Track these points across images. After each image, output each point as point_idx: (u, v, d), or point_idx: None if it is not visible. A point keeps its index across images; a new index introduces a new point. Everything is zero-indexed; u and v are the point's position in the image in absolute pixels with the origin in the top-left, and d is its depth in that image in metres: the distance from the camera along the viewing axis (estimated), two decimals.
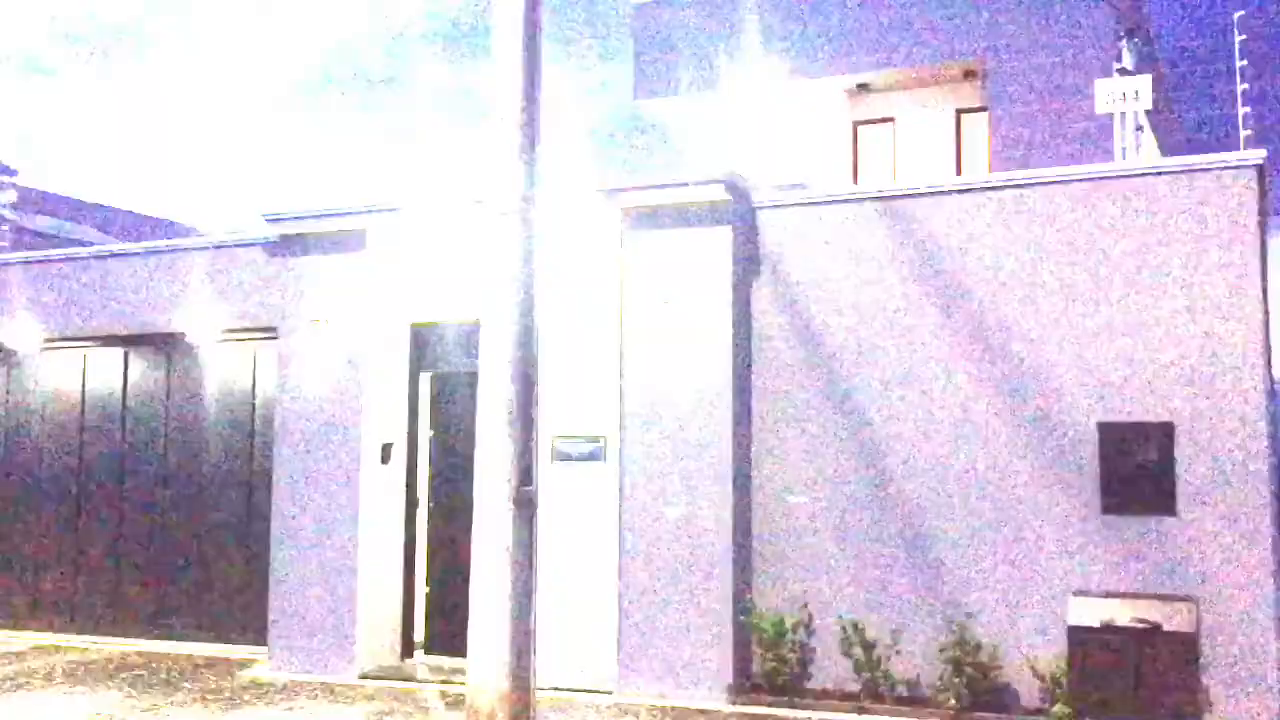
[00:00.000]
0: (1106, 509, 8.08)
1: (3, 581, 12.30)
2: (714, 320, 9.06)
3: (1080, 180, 8.47)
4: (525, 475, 7.81)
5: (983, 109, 15.51)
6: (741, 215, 9.22)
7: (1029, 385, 8.41)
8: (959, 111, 16.05)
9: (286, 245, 10.55)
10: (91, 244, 27.07)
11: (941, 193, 8.87)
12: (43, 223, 28.44)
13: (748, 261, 9.25)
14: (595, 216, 9.71)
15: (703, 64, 16.78)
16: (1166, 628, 6.12)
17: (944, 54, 15.56)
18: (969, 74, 15.63)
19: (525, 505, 7.80)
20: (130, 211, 36.47)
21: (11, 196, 16.94)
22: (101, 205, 35.84)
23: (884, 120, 16.59)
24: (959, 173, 15.65)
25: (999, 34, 15.10)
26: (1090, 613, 6.37)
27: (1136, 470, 8.01)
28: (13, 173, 32.79)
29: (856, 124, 16.79)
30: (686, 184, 9.17)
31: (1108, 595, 6.56)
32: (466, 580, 7.67)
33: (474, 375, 7.28)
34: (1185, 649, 6.03)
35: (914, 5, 15.58)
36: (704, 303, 9.09)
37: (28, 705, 8.97)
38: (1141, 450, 8.01)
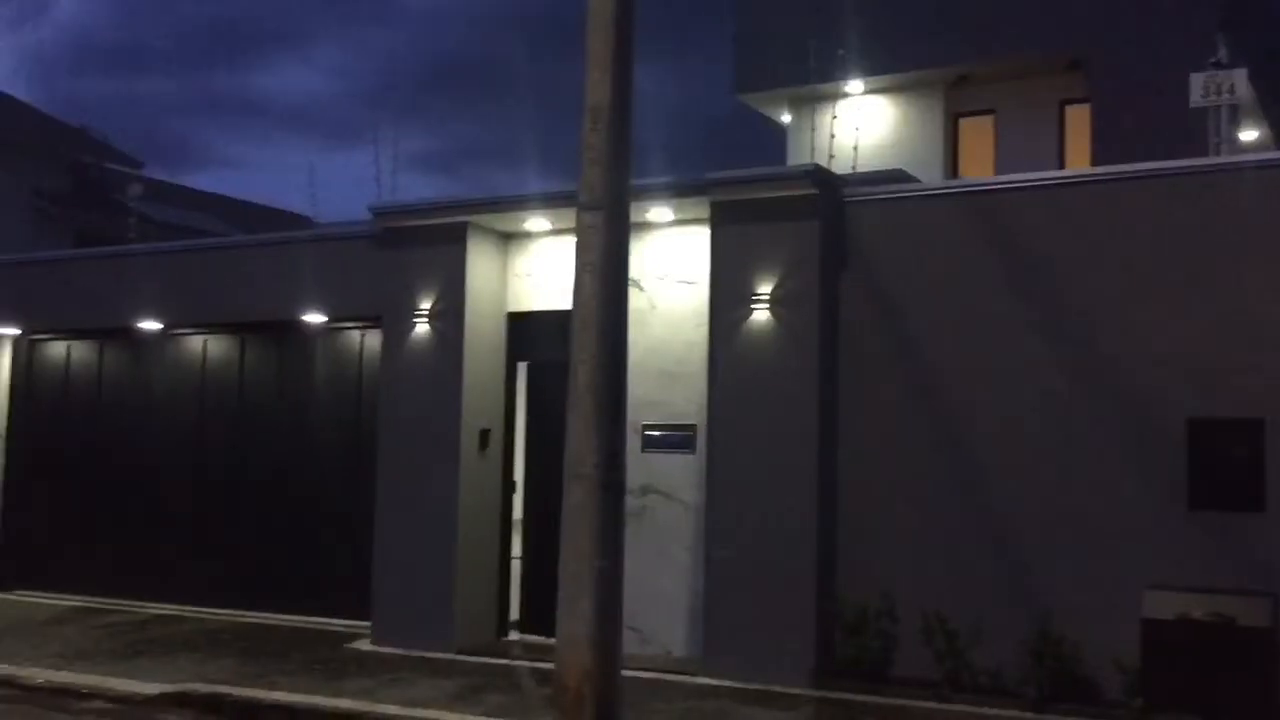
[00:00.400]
0: (1194, 505, 8.06)
1: (126, 557, 13.02)
2: (801, 313, 9.23)
3: (1171, 174, 8.46)
4: (612, 461, 8.09)
5: (1086, 100, 15.30)
6: (829, 209, 9.36)
7: (1118, 380, 8.41)
8: (1062, 103, 15.86)
9: (391, 238, 10.99)
10: (211, 234, 28.20)
11: (1025, 187, 8.93)
12: (166, 213, 29.59)
13: (835, 255, 9.39)
14: (686, 210, 9.95)
15: (803, 56, 16.81)
16: (1241, 622, 6.15)
17: (1047, 45, 15.40)
18: (1073, 65, 15.43)
19: (612, 490, 8.07)
20: (249, 202, 37.68)
21: (139, 190, 17.79)
22: (221, 195, 37.14)
23: (985, 112, 16.49)
24: (1062, 165, 15.47)
25: (1103, 24, 14.87)
26: (1165, 606, 6.41)
27: (1225, 466, 7.98)
28: (140, 164, 34.18)
29: (957, 115, 16.71)
30: (774, 179, 9.35)
31: (1183, 590, 6.58)
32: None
33: (568, 363, 7.56)
34: (1261, 644, 6.05)
35: None
36: (791, 295, 9.25)
37: (149, 669, 9.58)
38: (1231, 446, 7.97)
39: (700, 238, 9.89)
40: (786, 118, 17.72)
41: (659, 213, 10.09)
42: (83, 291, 13.41)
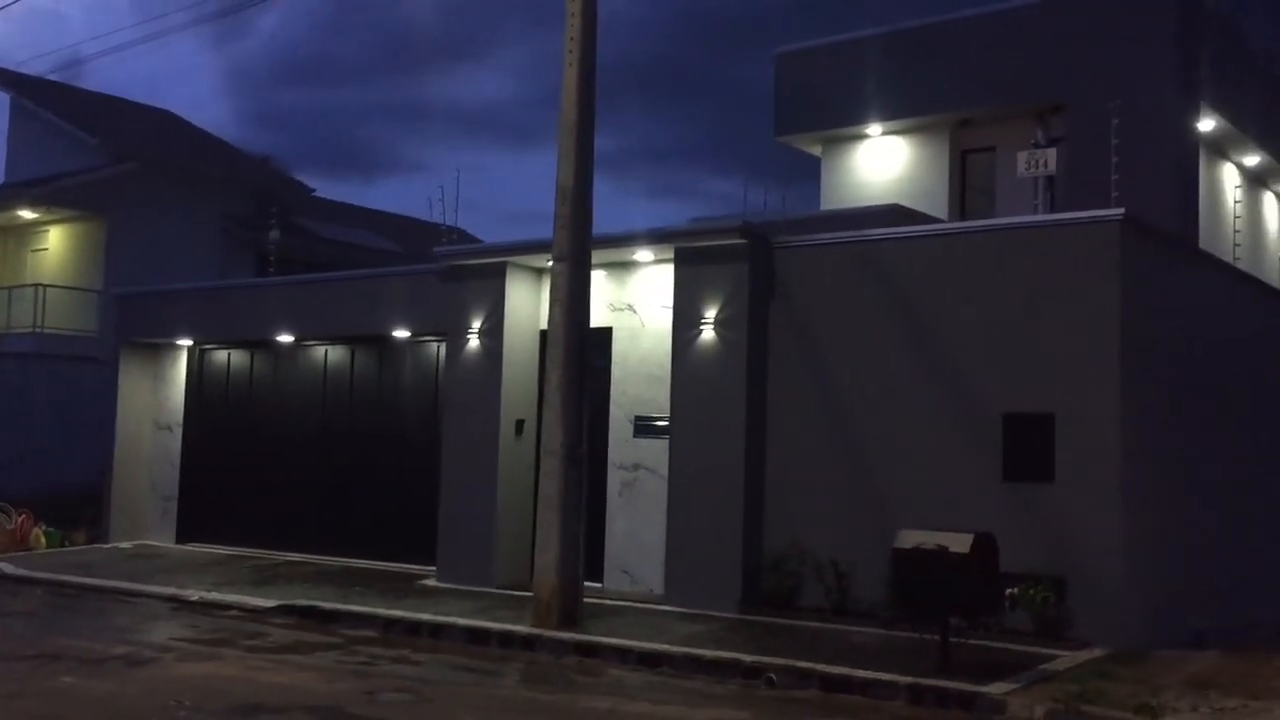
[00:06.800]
0: (1006, 477, 10.77)
1: (265, 519, 16.84)
2: (734, 333, 12.20)
3: (991, 230, 11.25)
4: (574, 440, 11.33)
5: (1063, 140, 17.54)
6: (758, 254, 12.30)
7: (958, 385, 11.16)
8: (1050, 141, 18.13)
9: (453, 273, 14.42)
10: (374, 249, 32.45)
11: (893, 238, 11.73)
12: (332, 231, 33.94)
13: (764, 289, 12.32)
14: (661, 252, 13.02)
15: (832, 103, 19.58)
16: (952, 550, 8.79)
17: (1029, 92, 17.70)
18: (1056, 108, 17.71)
19: (574, 462, 11.32)
20: (406, 217, 41.92)
21: (277, 235, 21.50)
22: (381, 211, 41.54)
23: (987, 149, 18.87)
24: (1051, 195, 17.78)
25: (1075, 76, 17.11)
26: (908, 540, 9.09)
27: (1027, 448, 10.66)
28: (312, 190, 38.85)
29: (964, 152, 19.14)
30: (713, 231, 12.36)
31: (928, 529, 9.25)
32: None
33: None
34: (963, 565, 8.69)
35: (1004, 50, 17.81)
36: (728, 320, 12.22)
37: (271, 592, 13.25)
38: (1031, 433, 10.64)
39: (667, 275, 12.94)
40: (819, 153, 20.43)
41: (642, 254, 13.20)
42: (238, 312, 17.34)
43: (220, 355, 18.04)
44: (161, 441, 18.35)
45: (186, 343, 18.14)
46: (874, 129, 19.32)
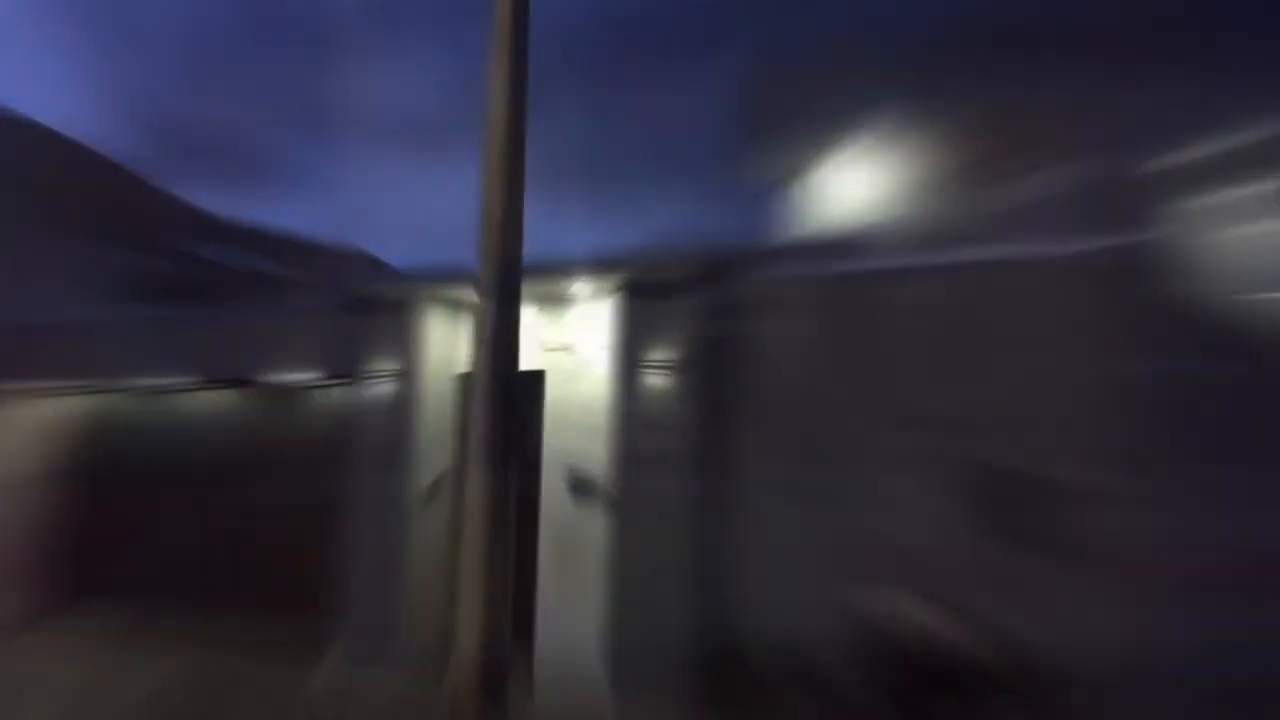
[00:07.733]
0: (989, 537, 9.47)
1: (134, 591, 14.88)
2: (685, 378, 10.76)
3: (963, 265, 9.94)
4: (500, 499, 9.72)
5: None
6: (711, 287, 10.89)
7: (932, 433, 9.85)
8: None
9: (360, 306, 12.73)
10: (269, 275, 30.28)
11: (862, 273, 10.42)
12: (214, 251, 31.77)
13: (717, 329, 10.90)
14: (602, 284, 11.54)
15: (794, 126, 18.34)
16: (931, 624, 7.55)
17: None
18: None
19: (500, 523, 9.70)
20: (313, 241, 39.60)
21: (157, 260, 19.61)
22: (280, 234, 39.27)
23: (955, 175, 17.77)
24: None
25: None
26: (884, 613, 7.86)
27: (1013, 506, 9.40)
28: (197, 207, 36.61)
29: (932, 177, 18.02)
30: (660, 261, 10.91)
31: (898, 599, 8.02)
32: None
33: None
34: (941, 643, 7.46)
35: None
36: (678, 363, 10.79)
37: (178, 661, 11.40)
38: (1014, 489, 9.40)
39: (606, 310, 11.47)
40: (780, 177, 19.14)
41: (580, 287, 11.70)
42: (107, 351, 15.39)
43: (85, 402, 15.99)
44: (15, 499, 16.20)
45: (44, 386, 16.05)
46: (837, 153, 18.10)
